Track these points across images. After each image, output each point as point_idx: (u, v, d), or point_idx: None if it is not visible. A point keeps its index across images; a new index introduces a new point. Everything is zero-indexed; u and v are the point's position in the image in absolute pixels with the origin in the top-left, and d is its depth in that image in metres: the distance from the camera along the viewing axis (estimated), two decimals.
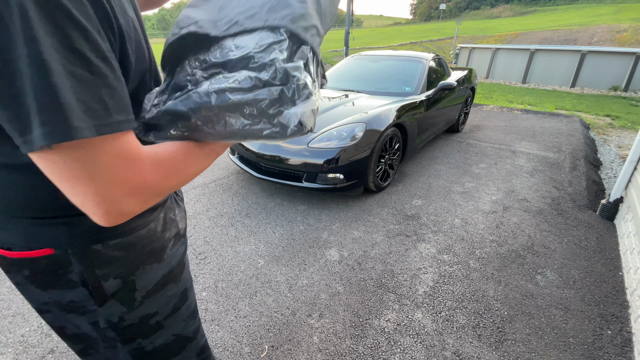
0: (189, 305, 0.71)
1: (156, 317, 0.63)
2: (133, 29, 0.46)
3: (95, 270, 0.53)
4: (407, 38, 27.58)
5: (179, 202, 0.78)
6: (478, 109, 6.81)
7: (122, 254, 0.55)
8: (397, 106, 2.98)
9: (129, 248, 0.56)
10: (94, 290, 0.54)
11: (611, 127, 5.62)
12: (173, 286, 0.65)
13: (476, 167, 3.63)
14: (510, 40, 20.56)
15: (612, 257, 2.17)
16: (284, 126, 0.43)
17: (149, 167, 0.41)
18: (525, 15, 46.68)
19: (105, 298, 0.55)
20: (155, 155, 0.43)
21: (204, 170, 0.53)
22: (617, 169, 3.75)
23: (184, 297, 0.69)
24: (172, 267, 0.65)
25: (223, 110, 0.44)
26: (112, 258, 0.54)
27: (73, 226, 0.50)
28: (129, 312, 0.58)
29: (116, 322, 0.58)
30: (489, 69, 12.08)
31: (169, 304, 0.65)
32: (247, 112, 0.43)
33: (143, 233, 0.58)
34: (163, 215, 0.64)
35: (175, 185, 0.47)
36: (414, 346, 1.52)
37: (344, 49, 11.75)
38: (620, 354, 1.51)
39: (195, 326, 0.74)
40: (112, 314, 0.57)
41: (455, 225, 2.51)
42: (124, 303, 0.57)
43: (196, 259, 2.09)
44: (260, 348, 1.51)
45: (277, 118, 0.43)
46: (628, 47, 14.03)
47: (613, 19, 23.96)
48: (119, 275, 0.56)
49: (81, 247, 0.51)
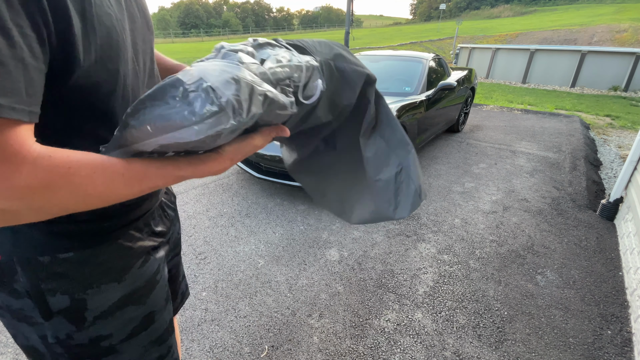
0: (153, 331, 0.61)
1: (110, 340, 0.55)
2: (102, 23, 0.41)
3: (40, 283, 0.48)
4: (407, 38, 27.58)
5: (165, 209, 0.70)
6: (478, 109, 6.81)
7: (73, 270, 0.49)
8: (397, 106, 2.98)
9: (82, 264, 0.50)
10: (38, 304, 0.49)
11: (611, 127, 5.62)
12: (134, 309, 0.57)
13: (476, 167, 3.63)
14: (510, 40, 20.56)
15: (612, 257, 2.17)
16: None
17: (27, 170, 0.32)
18: (525, 15, 46.70)
19: (51, 314, 0.50)
20: (46, 159, 0.33)
21: (128, 197, 0.41)
22: (617, 169, 3.75)
23: (148, 321, 0.60)
24: (135, 288, 0.57)
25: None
26: (61, 273, 0.48)
27: (20, 234, 0.46)
28: (77, 332, 0.52)
29: (64, 339, 0.52)
30: (489, 69, 12.08)
31: (127, 327, 0.57)
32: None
33: (102, 248, 0.52)
34: (136, 226, 0.57)
35: (67, 205, 0.36)
36: (414, 346, 1.52)
37: None
38: (620, 354, 1.51)
39: (158, 354, 0.64)
40: (59, 330, 0.51)
41: (455, 225, 2.51)
42: (72, 322, 0.51)
43: (196, 259, 2.09)
44: (260, 348, 1.51)
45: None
46: (628, 47, 14.03)
47: (613, 19, 23.96)
48: (67, 291, 0.49)
49: (26, 257, 0.47)
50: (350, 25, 11.79)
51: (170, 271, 0.80)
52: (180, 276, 0.88)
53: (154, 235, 0.63)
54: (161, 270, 0.63)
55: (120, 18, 0.45)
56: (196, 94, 0.35)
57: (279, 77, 0.44)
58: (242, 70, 0.37)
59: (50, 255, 0.47)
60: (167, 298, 0.65)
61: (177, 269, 0.84)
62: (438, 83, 3.76)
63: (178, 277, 0.87)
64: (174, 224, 0.75)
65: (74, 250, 0.49)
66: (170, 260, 0.78)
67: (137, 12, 0.51)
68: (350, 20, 11.87)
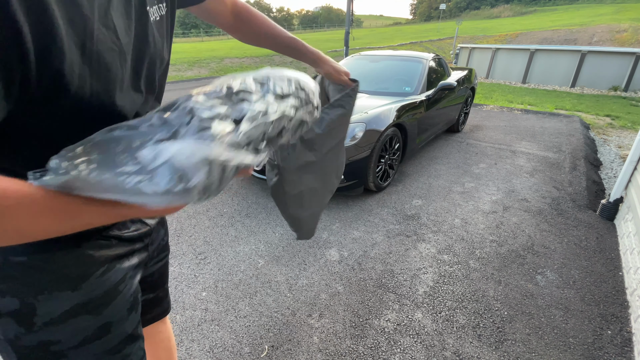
0: (107, 341, 0.58)
1: (58, 345, 0.53)
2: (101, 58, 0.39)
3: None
4: (407, 38, 27.58)
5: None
6: (478, 109, 6.81)
7: (25, 274, 0.47)
8: (397, 106, 2.98)
9: (35, 269, 0.48)
10: None
11: (611, 127, 5.62)
12: (89, 318, 0.55)
13: (476, 167, 3.63)
14: (510, 40, 20.56)
15: (612, 257, 2.17)
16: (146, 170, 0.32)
17: None
18: (525, 15, 46.70)
19: (0, 314, 0.49)
20: None
21: (57, 234, 0.36)
22: (617, 169, 3.75)
23: (103, 332, 0.57)
24: (92, 297, 0.54)
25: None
26: (11, 276, 0.47)
27: None
28: (26, 334, 0.51)
29: (12, 339, 0.51)
30: (489, 69, 12.07)
31: (78, 335, 0.54)
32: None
33: (59, 255, 0.49)
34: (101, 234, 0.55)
35: None
36: (414, 346, 1.52)
37: (344, 49, 11.75)
38: (620, 354, 1.51)
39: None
40: (7, 330, 0.50)
41: (455, 225, 2.51)
42: (20, 324, 0.50)
43: (196, 259, 2.09)
44: (260, 348, 1.51)
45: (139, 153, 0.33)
46: (628, 47, 14.02)
47: (613, 19, 23.95)
48: (17, 294, 0.48)
49: None
50: (350, 25, 11.79)
51: (153, 276, 0.78)
52: (165, 282, 0.85)
53: (125, 242, 0.59)
54: (127, 280, 0.60)
55: (126, 51, 0.44)
56: (161, 169, 0.32)
57: (253, 138, 0.39)
58: (215, 149, 0.34)
59: (3, 257, 0.46)
60: (131, 308, 0.62)
61: (161, 275, 0.82)
62: (438, 83, 3.76)
63: (162, 284, 0.84)
64: (157, 231, 0.73)
65: (27, 255, 0.47)
66: (153, 266, 0.76)
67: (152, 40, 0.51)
68: (350, 20, 11.87)
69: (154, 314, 0.85)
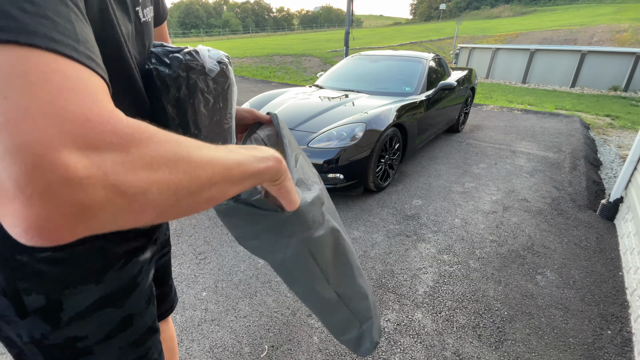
0: (131, 333, 0.60)
1: (85, 341, 0.54)
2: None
3: (16, 282, 0.47)
4: (407, 38, 27.55)
5: None
6: (478, 109, 6.81)
7: (51, 270, 0.48)
8: (397, 106, 2.98)
9: (61, 264, 0.48)
10: (14, 302, 0.48)
11: (611, 127, 5.62)
12: (112, 311, 0.56)
13: (476, 167, 3.63)
14: (510, 40, 20.54)
15: (612, 257, 2.17)
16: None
17: (147, 136, 0.27)
18: (525, 15, 46.68)
19: (27, 313, 0.49)
20: (141, 125, 0.28)
21: (218, 199, 0.35)
22: (617, 169, 3.75)
23: (126, 324, 0.59)
24: (114, 290, 0.55)
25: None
26: (38, 272, 0.47)
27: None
28: (53, 332, 0.51)
29: (39, 339, 0.51)
30: (489, 69, 12.07)
31: (103, 328, 0.55)
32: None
33: (82, 248, 0.50)
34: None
35: (167, 189, 0.28)
36: (414, 346, 1.52)
37: (344, 48, 11.74)
38: (620, 354, 1.51)
39: (135, 357, 0.62)
40: (34, 330, 0.50)
41: (455, 225, 2.51)
42: (47, 322, 0.50)
43: (196, 259, 2.09)
44: (260, 348, 1.51)
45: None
46: (628, 47, 14.02)
47: (613, 19, 23.94)
48: (43, 291, 0.48)
49: (3, 255, 0.46)
50: (350, 25, 11.78)
51: (157, 272, 0.78)
52: (169, 278, 0.86)
53: (139, 236, 0.61)
54: (143, 273, 0.61)
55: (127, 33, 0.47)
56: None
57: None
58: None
59: (28, 254, 0.46)
60: (149, 300, 0.63)
61: (165, 271, 0.83)
62: (438, 83, 3.77)
63: (167, 279, 0.85)
64: (160, 224, 0.73)
65: (52, 250, 0.47)
66: (157, 261, 0.76)
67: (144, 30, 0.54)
68: (350, 20, 11.86)
69: (161, 310, 0.86)
